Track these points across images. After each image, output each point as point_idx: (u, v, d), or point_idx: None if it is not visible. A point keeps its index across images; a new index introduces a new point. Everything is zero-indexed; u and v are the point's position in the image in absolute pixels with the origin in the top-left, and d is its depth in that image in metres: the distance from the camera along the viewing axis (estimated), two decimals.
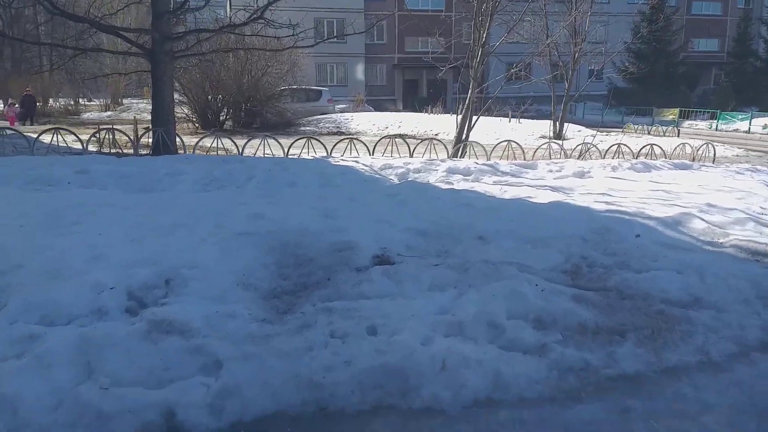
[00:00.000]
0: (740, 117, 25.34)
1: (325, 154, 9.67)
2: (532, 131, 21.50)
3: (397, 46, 39.44)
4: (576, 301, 3.77)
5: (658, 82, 31.86)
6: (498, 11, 12.48)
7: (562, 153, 10.74)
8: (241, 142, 10.03)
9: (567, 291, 3.88)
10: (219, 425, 2.63)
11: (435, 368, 3.06)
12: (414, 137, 12.69)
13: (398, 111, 33.79)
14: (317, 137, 11.52)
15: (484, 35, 12.13)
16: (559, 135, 19.87)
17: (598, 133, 20.67)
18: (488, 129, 21.86)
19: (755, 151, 16.50)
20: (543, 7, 18.14)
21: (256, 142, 9.73)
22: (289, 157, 9.39)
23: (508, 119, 23.98)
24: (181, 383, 2.77)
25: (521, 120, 23.70)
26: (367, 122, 24.47)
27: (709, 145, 11.51)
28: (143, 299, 3.52)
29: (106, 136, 10.58)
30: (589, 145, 10.87)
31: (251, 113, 21.01)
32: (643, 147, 10.99)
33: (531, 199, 6.21)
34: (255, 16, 10.31)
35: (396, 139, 11.10)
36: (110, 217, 4.98)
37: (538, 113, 29.98)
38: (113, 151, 10.28)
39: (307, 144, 9.70)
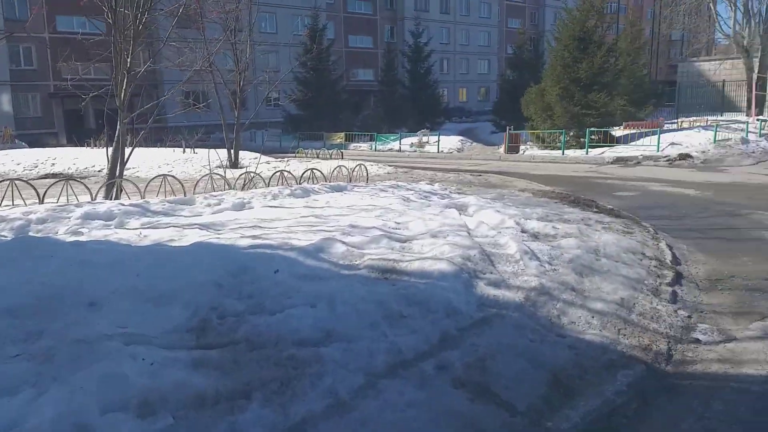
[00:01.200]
0: (392, 138, 29.12)
1: None
2: (208, 160, 20.87)
3: (52, 72, 34.39)
4: (195, 367, 3.22)
5: (325, 109, 34.56)
6: (143, 35, 11.55)
7: (225, 184, 10.35)
8: None
9: (185, 356, 3.31)
10: None
11: None
12: (72, 177, 10.74)
13: (61, 146, 29.59)
14: None
15: (129, 60, 11.03)
16: (235, 163, 19.69)
17: (274, 159, 21.18)
18: (158, 161, 20.49)
19: (404, 167, 18.89)
20: (202, 34, 17.65)
21: None
22: None
23: (182, 149, 22.90)
24: None
25: (196, 150, 22.85)
26: (10, 161, 20.49)
27: (362, 166, 12.57)
28: None
29: None
30: (252, 174, 10.72)
31: None
32: (305, 172, 11.36)
33: (171, 243, 5.53)
34: None
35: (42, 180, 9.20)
36: None
37: (222, 142, 29.60)
38: None
39: None
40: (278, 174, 10.88)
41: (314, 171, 11.37)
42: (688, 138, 19.63)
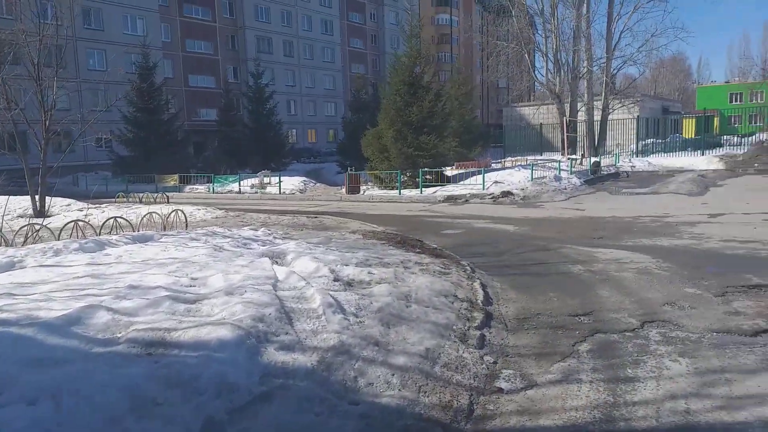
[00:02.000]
0: (231, 179, 27.88)
1: None
2: (10, 209, 18.14)
3: None
4: None
5: (158, 150, 32.31)
6: None
7: (1, 239, 8.69)
8: None
9: None
10: None
11: None
12: None
13: None
14: None
15: None
16: (41, 212, 17.30)
17: (92, 205, 19.02)
18: None
19: (238, 210, 17.89)
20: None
21: None
22: None
23: None
24: None
25: None
26: None
27: (179, 212, 11.48)
28: None
29: None
30: (39, 226, 9.17)
31: None
32: (107, 220, 10.01)
33: None
34: None
35: None
36: None
37: (48, 188, 26.12)
38: None
39: None
40: (73, 224, 9.41)
41: (118, 219, 10.05)
42: (510, 177, 21.05)
